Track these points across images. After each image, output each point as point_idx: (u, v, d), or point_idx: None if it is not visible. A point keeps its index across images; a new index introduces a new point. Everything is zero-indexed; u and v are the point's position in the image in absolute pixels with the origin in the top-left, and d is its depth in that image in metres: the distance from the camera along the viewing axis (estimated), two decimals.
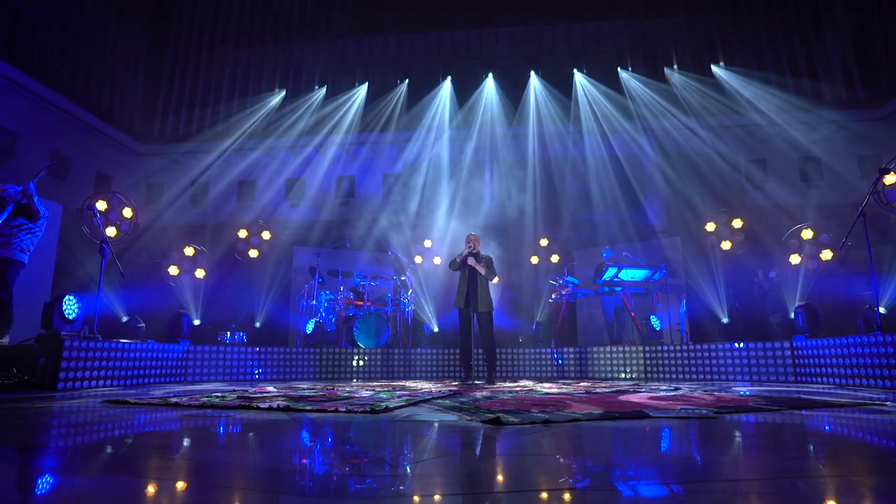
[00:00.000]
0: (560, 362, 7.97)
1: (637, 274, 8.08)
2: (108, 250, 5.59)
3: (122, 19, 11.65)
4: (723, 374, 6.70)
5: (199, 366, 6.87)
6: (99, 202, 8.05)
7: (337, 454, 1.97)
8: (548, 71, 11.91)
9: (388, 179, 12.43)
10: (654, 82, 11.16)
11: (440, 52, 12.49)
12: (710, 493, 1.31)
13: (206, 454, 2.01)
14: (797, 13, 11.09)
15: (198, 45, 12.58)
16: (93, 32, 10.98)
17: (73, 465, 1.77)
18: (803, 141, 10.80)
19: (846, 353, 5.30)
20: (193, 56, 12.54)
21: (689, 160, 11.02)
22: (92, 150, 11.25)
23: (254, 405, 3.35)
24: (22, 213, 5.04)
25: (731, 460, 1.80)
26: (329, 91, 12.12)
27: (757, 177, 11.22)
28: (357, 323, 8.31)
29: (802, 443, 2.19)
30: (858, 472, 1.56)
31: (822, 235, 8.89)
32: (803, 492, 1.33)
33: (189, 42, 12.61)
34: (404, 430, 2.51)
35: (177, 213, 11.94)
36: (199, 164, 12.17)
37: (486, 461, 1.85)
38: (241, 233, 10.25)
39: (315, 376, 7.74)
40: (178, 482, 1.52)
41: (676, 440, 2.25)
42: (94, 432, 2.54)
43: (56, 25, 10.13)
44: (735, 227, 9.41)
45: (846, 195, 10.16)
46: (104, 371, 5.35)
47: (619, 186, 11.05)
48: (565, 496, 1.30)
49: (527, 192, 11.43)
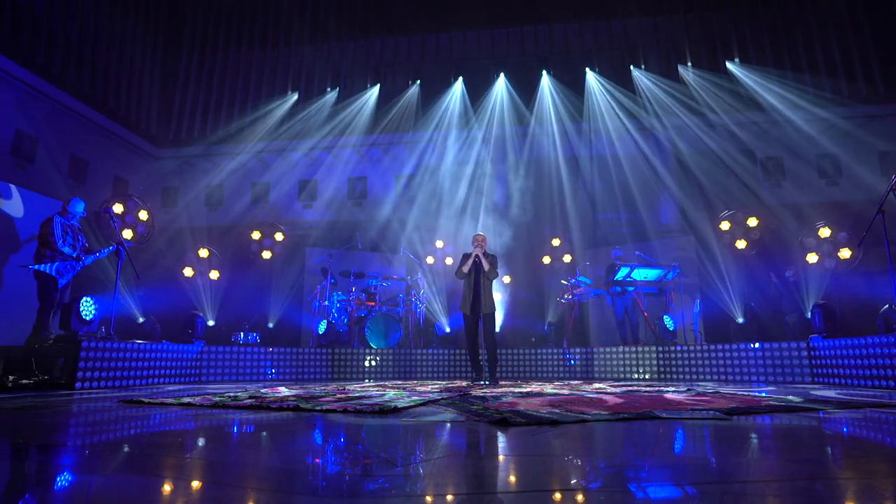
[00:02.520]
0: (572, 363, 7.93)
1: (650, 273, 8.01)
2: (125, 252, 5.68)
3: (139, 24, 11.83)
4: (738, 375, 6.62)
5: (213, 366, 6.96)
6: (116, 205, 8.18)
7: (347, 454, 1.99)
8: (559, 70, 11.86)
9: (400, 180, 12.47)
10: (667, 80, 11.05)
11: (451, 52, 12.50)
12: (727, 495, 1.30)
13: (221, 454, 2.03)
14: (814, 7, 10.90)
15: (213, 48, 12.74)
16: (110, 38, 11.17)
17: (91, 463, 1.81)
18: (821, 138, 10.61)
19: (865, 354, 5.20)
20: (208, 59, 12.70)
21: (703, 158, 10.89)
22: (109, 154, 11.44)
23: (265, 405, 3.39)
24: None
25: (750, 459, 1.79)
26: (341, 93, 12.19)
27: (773, 175, 11.05)
28: (369, 323, 8.35)
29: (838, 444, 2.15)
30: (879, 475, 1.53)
31: (840, 234, 8.74)
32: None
33: (203, 46, 12.77)
34: (414, 431, 2.52)
35: (192, 216, 12.10)
36: (214, 167, 12.33)
37: (497, 462, 1.85)
38: (254, 234, 10.36)
39: (327, 376, 7.79)
40: (193, 481, 1.54)
41: (689, 441, 2.23)
42: (111, 431, 2.59)
43: (74, 32, 10.32)
44: (750, 226, 9.28)
45: (865, 192, 9.96)
46: (120, 371, 5.45)
47: (633, 185, 10.95)
48: (578, 497, 1.29)
49: (539, 192, 11.39)
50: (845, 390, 4.84)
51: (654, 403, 3.34)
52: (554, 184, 11.42)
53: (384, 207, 12.04)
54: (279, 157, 12.38)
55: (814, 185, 10.84)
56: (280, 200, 12.45)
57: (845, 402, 3.51)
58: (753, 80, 10.60)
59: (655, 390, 4.70)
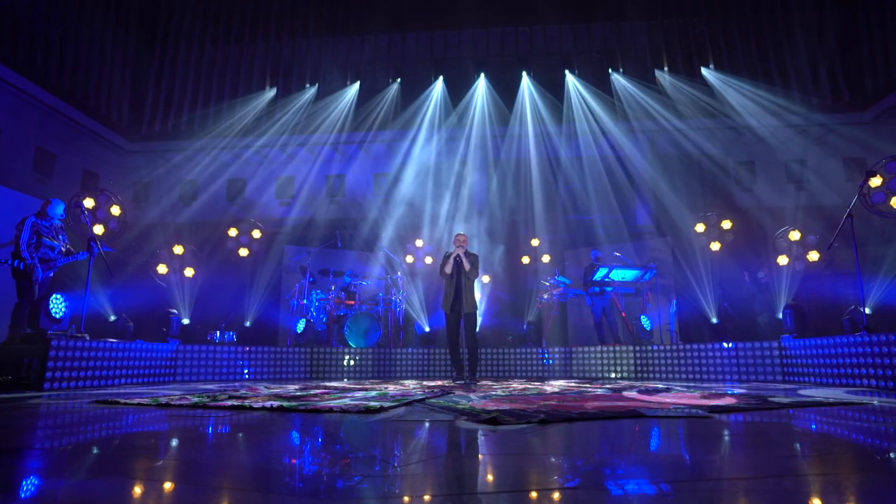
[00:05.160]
0: (551, 362, 8.00)
1: (628, 274, 8.13)
2: (97, 248, 5.51)
3: (109, 14, 11.47)
4: (712, 374, 6.77)
5: (189, 365, 6.80)
6: (87, 199, 7.92)
7: (334, 455, 1.96)
8: (539, 72, 11.95)
9: (379, 179, 12.39)
10: (645, 84, 11.24)
11: (432, 51, 12.48)
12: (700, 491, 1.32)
13: (204, 456, 1.98)
14: (785, 18, 11.23)
15: (188, 40, 12.44)
16: (79, 27, 10.81)
17: (61, 468, 1.74)
18: (790, 143, 10.96)
19: (833, 353, 5.38)
20: (183, 52, 12.40)
21: (679, 162, 11.12)
22: (78, 147, 11.08)
23: (247, 405, 3.32)
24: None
25: (723, 456, 1.82)
26: (320, 89, 12.05)
27: (745, 178, 11.35)
28: (348, 322, 8.27)
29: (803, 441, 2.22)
30: (848, 470, 1.58)
31: (809, 237, 9.02)
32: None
33: (178, 38, 12.46)
34: (408, 431, 2.50)
35: (165, 212, 11.81)
36: (189, 162, 12.05)
37: (487, 461, 1.85)
38: (231, 231, 10.16)
39: (306, 376, 7.69)
40: (175, 484, 1.49)
41: (670, 438, 2.26)
42: (85, 433, 2.50)
43: (41, 20, 9.95)
44: (724, 228, 9.50)
45: (832, 197, 10.32)
46: (92, 371, 5.27)
47: (610, 187, 11.11)
48: (555, 495, 1.30)
49: (518, 192, 11.46)
50: (816, 388, 5.00)
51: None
52: (533, 184, 11.50)
53: (363, 206, 11.95)
54: (256, 154, 12.17)
55: (784, 189, 11.17)
56: (257, 197, 12.25)
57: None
58: (727, 87, 10.86)
59: (620, 387, 4.78)
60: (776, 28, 11.26)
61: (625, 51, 11.78)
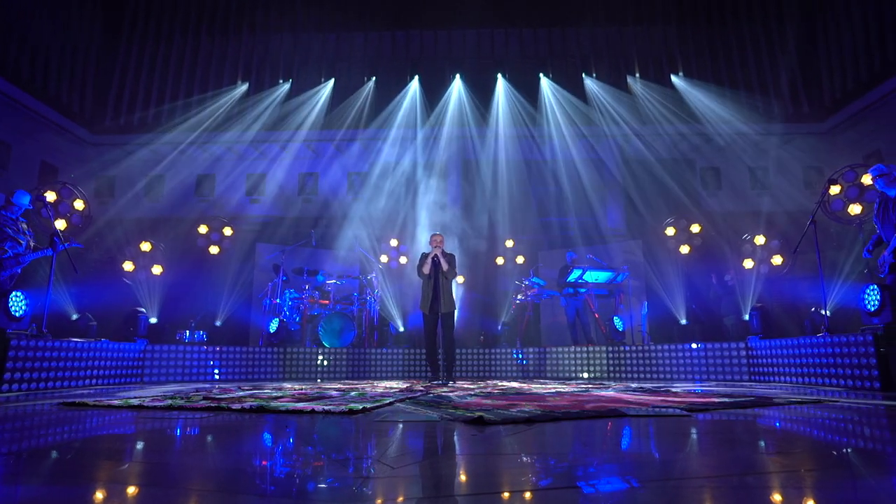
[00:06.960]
0: (525, 362, 8.07)
1: (601, 276, 8.28)
2: (60, 243, 5.28)
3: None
4: (681, 374, 6.95)
5: (157, 366, 6.58)
6: (48, 193, 7.58)
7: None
8: (514, 74, 12.04)
9: (352, 177, 12.26)
10: (617, 90, 11.47)
11: (408, 51, 12.43)
12: (670, 487, 1.35)
13: (190, 460, 1.92)
14: (750, 29, 11.65)
15: (156, 30, 12.05)
16: (38, 11, 10.32)
17: (34, 474, 1.66)
18: (753, 151, 11.37)
19: (797, 354, 5.60)
20: (151, 43, 12.00)
21: (649, 166, 11.38)
22: (35, 138, 10.58)
23: (224, 406, 3.24)
24: None
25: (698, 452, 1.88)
26: (294, 86, 11.85)
27: (711, 184, 11.71)
28: (322, 322, 8.16)
29: (765, 437, 2.30)
30: (809, 465, 1.65)
31: (773, 241, 9.37)
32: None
33: (147, 28, 12.06)
34: (393, 432, 2.48)
35: (130, 207, 11.39)
36: (155, 157, 11.65)
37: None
38: (201, 228, 9.88)
39: (279, 376, 7.55)
40: (159, 490, 1.44)
41: (651, 437, 2.31)
42: (52, 435, 2.39)
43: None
44: (693, 232, 9.77)
45: (790, 203, 10.75)
46: (54, 372, 5.05)
47: (583, 190, 11.28)
48: (529, 495, 1.31)
49: (493, 193, 11.52)
50: (781, 386, 5.20)
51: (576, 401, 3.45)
52: (507, 185, 11.58)
53: (336, 204, 11.80)
54: (226, 150, 11.88)
55: (746, 194, 11.57)
56: (226, 194, 11.95)
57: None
58: (695, 94, 11.19)
59: (592, 386, 4.86)
60: (742, 40, 11.66)
61: (598, 56, 11.99)
